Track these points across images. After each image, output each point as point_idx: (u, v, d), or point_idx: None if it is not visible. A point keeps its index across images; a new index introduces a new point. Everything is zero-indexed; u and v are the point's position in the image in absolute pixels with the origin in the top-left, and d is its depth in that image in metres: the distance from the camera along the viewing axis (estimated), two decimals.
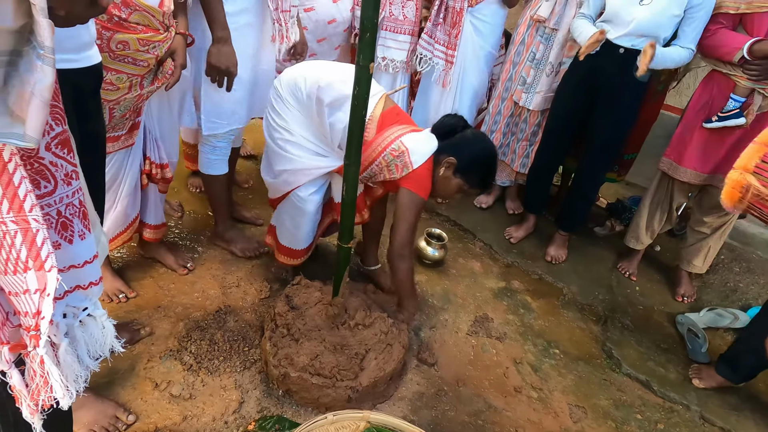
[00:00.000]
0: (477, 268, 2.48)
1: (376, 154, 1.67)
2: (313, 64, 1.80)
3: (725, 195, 1.31)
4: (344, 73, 1.72)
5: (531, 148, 2.73)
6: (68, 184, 0.73)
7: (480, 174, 1.73)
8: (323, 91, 1.64)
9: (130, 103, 1.45)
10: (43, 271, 0.63)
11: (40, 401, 0.66)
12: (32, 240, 0.62)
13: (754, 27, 1.96)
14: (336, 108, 1.67)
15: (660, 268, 2.72)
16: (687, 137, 2.23)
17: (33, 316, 0.64)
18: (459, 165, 1.68)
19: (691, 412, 1.90)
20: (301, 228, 1.89)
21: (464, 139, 1.70)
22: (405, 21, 2.56)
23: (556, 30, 2.44)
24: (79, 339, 0.73)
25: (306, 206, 1.82)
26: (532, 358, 2.01)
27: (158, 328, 1.74)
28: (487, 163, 1.73)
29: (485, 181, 1.77)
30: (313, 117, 1.71)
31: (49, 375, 0.66)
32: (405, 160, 1.64)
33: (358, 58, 1.24)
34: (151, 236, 1.90)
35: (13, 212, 0.60)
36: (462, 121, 1.76)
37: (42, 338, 0.64)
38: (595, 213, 3.02)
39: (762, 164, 1.25)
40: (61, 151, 0.71)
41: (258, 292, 2.01)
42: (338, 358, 1.61)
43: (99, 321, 0.75)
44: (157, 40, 1.40)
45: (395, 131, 1.68)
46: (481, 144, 1.74)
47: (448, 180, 1.71)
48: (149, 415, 1.48)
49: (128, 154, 1.62)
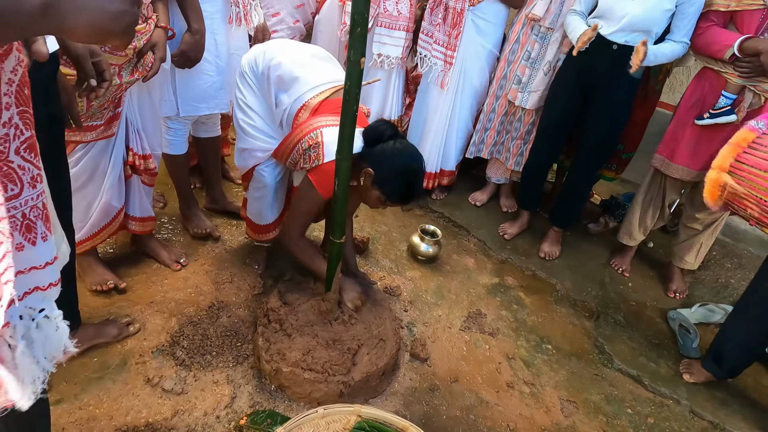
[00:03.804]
0: (471, 264, 2.49)
1: (297, 139, 1.61)
2: (278, 41, 1.81)
3: (707, 194, 1.39)
4: (301, 54, 1.72)
5: (525, 146, 2.74)
6: (33, 187, 0.74)
7: (398, 189, 1.57)
8: (273, 68, 1.65)
9: (109, 93, 1.45)
10: None
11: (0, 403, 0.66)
12: None
13: (744, 24, 1.97)
14: (282, 89, 1.66)
15: (652, 264, 2.74)
16: (679, 134, 2.24)
17: None
18: (377, 177, 1.55)
19: (681, 406, 1.92)
20: (262, 201, 1.90)
21: (385, 152, 1.55)
22: (399, 17, 2.56)
23: (551, 29, 2.45)
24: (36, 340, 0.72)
25: (264, 179, 1.83)
26: (524, 353, 2.02)
27: (150, 324, 1.74)
28: (406, 178, 1.57)
29: (405, 197, 1.61)
30: (265, 94, 1.72)
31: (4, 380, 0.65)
32: (318, 152, 1.56)
33: (348, 53, 1.24)
34: (138, 229, 1.89)
35: None
36: (391, 128, 1.60)
37: None
38: (588, 210, 3.03)
39: (736, 163, 1.32)
40: (28, 155, 0.72)
41: (251, 288, 2.01)
42: (330, 353, 1.61)
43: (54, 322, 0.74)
44: (138, 30, 1.40)
45: (321, 120, 1.59)
46: (402, 158, 1.56)
47: (368, 190, 1.59)
48: (140, 409, 1.48)
49: (109, 145, 1.62)
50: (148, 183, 1.85)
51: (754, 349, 1.91)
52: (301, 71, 1.66)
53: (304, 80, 1.66)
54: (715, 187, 1.34)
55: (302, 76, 1.66)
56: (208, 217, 2.27)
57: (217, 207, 2.36)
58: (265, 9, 2.47)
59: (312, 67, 1.70)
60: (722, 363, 1.94)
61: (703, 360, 2.03)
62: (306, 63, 1.70)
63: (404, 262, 2.39)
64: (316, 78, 1.68)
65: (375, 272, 2.27)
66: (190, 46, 1.73)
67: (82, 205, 1.64)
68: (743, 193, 1.30)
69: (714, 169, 1.36)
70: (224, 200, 2.37)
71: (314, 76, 1.68)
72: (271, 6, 2.56)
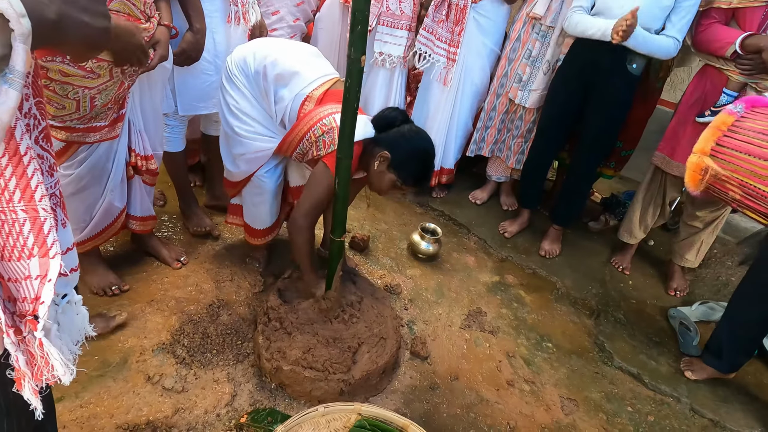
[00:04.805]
0: (471, 262, 2.49)
1: (307, 127, 1.61)
2: (265, 40, 1.79)
3: (688, 179, 1.41)
4: (295, 50, 1.71)
5: (526, 144, 2.74)
6: (51, 175, 0.76)
7: (414, 171, 1.63)
8: (270, 66, 1.64)
9: (112, 92, 1.45)
10: (47, 258, 0.66)
11: (43, 381, 0.70)
12: (40, 228, 0.65)
13: (746, 21, 1.97)
14: (281, 85, 1.66)
15: (653, 262, 2.74)
16: (680, 132, 2.24)
17: (31, 302, 0.67)
18: (393, 160, 1.59)
19: (682, 404, 1.92)
20: (261, 207, 1.88)
21: (401, 134, 1.62)
22: (402, 16, 2.55)
23: (551, 27, 2.44)
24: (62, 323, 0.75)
25: (265, 184, 1.81)
26: (524, 351, 2.02)
27: (151, 322, 1.74)
28: (423, 160, 1.64)
29: (420, 179, 1.66)
30: (259, 95, 1.71)
31: (49, 355, 0.69)
32: (333, 137, 1.56)
33: (349, 51, 1.23)
34: (138, 228, 1.89)
35: (24, 201, 0.64)
36: (402, 114, 1.67)
37: (40, 323, 0.67)
38: (589, 207, 3.03)
39: (717, 147, 1.34)
40: (46, 144, 0.75)
41: (251, 286, 2.01)
42: (331, 352, 1.61)
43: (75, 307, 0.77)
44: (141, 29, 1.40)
45: (331, 108, 1.62)
46: (418, 141, 1.64)
47: (382, 174, 1.63)
48: (141, 407, 1.48)
49: (113, 147, 1.62)
50: (149, 183, 1.85)
51: (753, 339, 1.91)
52: (299, 66, 1.66)
53: (303, 74, 1.66)
54: (697, 172, 1.36)
55: (301, 70, 1.66)
56: (207, 215, 2.26)
57: (218, 204, 2.36)
58: (265, 7, 2.46)
59: (307, 62, 1.71)
60: (722, 356, 1.95)
61: (703, 355, 2.03)
62: (301, 58, 1.70)
63: (404, 260, 2.39)
64: (315, 71, 1.69)
65: (375, 270, 2.27)
66: (191, 45, 1.73)
67: (84, 205, 1.63)
68: (725, 176, 1.32)
69: (695, 153, 1.37)
70: (226, 198, 2.37)
71: (312, 69, 1.69)
72: (271, 4, 2.55)
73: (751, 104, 1.35)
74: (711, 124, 1.36)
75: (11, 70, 0.54)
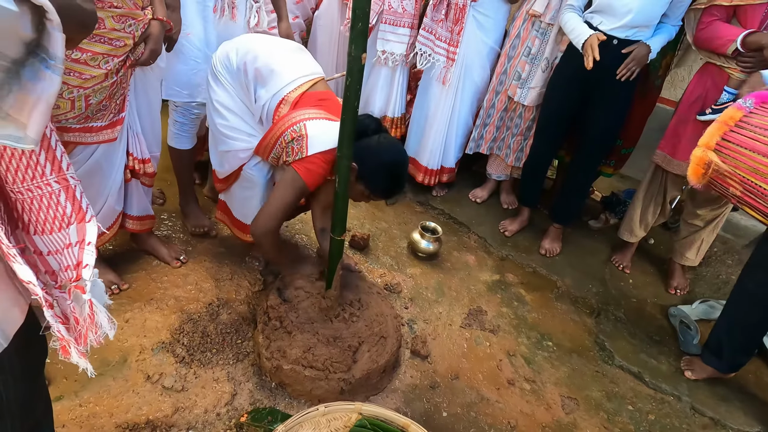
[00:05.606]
0: (471, 261, 2.48)
1: (279, 132, 1.59)
2: (249, 36, 1.78)
3: (690, 171, 1.40)
4: (277, 47, 1.69)
5: (525, 142, 2.73)
6: None
7: (382, 184, 1.59)
8: (249, 63, 1.63)
9: (106, 90, 1.44)
10: (83, 222, 0.71)
11: (89, 342, 0.76)
12: (73, 195, 0.70)
13: (748, 19, 1.96)
14: (260, 84, 1.64)
15: (653, 260, 2.73)
16: (681, 130, 2.23)
17: (74, 268, 0.73)
18: (360, 171, 1.54)
19: (682, 402, 1.92)
20: (252, 201, 1.85)
21: (368, 146, 1.54)
22: (404, 14, 2.55)
23: (551, 25, 2.43)
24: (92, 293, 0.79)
25: (255, 178, 1.79)
26: (525, 350, 2.01)
27: (150, 321, 1.74)
28: (391, 173, 1.58)
29: (389, 191, 1.63)
30: (242, 91, 1.69)
31: (98, 313, 0.74)
32: (302, 144, 1.54)
33: (350, 48, 1.23)
34: (135, 227, 1.87)
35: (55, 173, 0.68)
36: (375, 123, 1.62)
37: (87, 284, 0.72)
38: (589, 206, 3.02)
39: (723, 142, 1.32)
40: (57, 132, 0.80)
41: (251, 285, 2.00)
42: (331, 351, 1.61)
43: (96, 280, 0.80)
44: (134, 17, 1.40)
45: (304, 113, 1.58)
46: (388, 153, 1.57)
47: (352, 184, 1.57)
48: (141, 407, 1.48)
49: (112, 150, 1.60)
50: (147, 184, 1.84)
51: (753, 338, 1.91)
52: (277, 65, 1.64)
53: (281, 74, 1.64)
54: (700, 165, 1.36)
55: (279, 70, 1.64)
56: (206, 215, 2.26)
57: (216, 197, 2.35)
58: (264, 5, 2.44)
59: (288, 59, 1.68)
60: (722, 355, 1.94)
61: (703, 354, 2.03)
62: (282, 55, 1.68)
63: (405, 259, 2.39)
64: (294, 71, 1.66)
65: (375, 269, 2.26)
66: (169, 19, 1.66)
67: None
68: (727, 171, 1.31)
69: (700, 147, 1.37)
70: None
71: (291, 69, 1.66)
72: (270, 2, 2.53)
73: (761, 100, 1.33)
74: (718, 118, 1.35)
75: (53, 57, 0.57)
